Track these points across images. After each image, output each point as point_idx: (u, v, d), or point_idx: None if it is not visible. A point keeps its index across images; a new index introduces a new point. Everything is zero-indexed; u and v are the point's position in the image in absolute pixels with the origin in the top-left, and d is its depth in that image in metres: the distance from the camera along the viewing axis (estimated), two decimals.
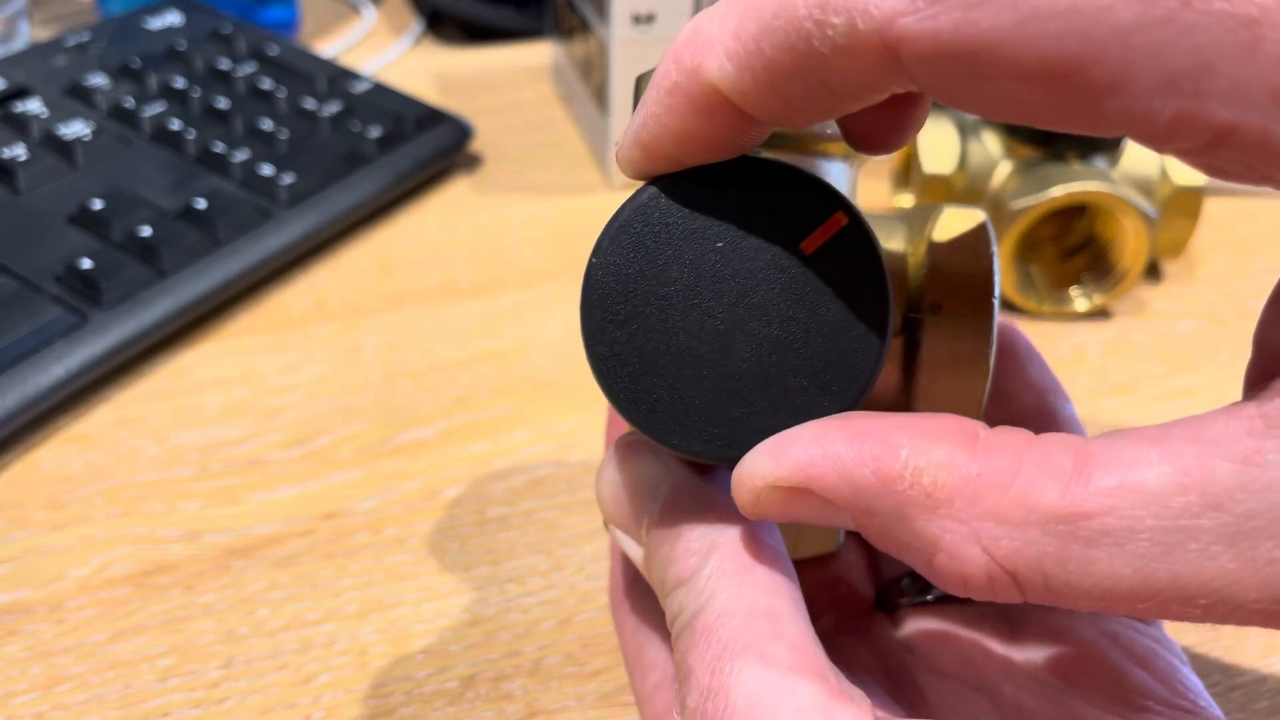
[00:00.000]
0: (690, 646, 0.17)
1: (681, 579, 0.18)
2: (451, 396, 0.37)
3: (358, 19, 0.65)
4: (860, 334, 0.17)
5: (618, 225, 0.18)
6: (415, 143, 0.48)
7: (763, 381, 0.18)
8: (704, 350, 0.18)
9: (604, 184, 0.50)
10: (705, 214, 0.18)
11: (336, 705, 0.27)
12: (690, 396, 0.18)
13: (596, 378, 0.18)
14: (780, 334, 0.18)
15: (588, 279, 0.18)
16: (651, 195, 0.18)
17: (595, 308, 0.18)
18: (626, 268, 0.18)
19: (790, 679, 0.16)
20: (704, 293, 0.18)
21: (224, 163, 0.44)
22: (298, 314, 0.41)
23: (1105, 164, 0.41)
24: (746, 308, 0.18)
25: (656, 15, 0.45)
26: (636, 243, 0.18)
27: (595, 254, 0.18)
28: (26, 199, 0.41)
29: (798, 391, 0.18)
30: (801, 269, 0.17)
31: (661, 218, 0.18)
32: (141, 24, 0.53)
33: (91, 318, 0.36)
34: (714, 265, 0.18)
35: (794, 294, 0.17)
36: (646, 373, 0.18)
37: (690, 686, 0.17)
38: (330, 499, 0.33)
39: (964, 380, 0.21)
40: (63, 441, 0.35)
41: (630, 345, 0.18)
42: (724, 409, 0.18)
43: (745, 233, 0.18)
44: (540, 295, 0.42)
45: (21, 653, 0.28)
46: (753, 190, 0.18)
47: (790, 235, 0.17)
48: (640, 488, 0.20)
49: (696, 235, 0.18)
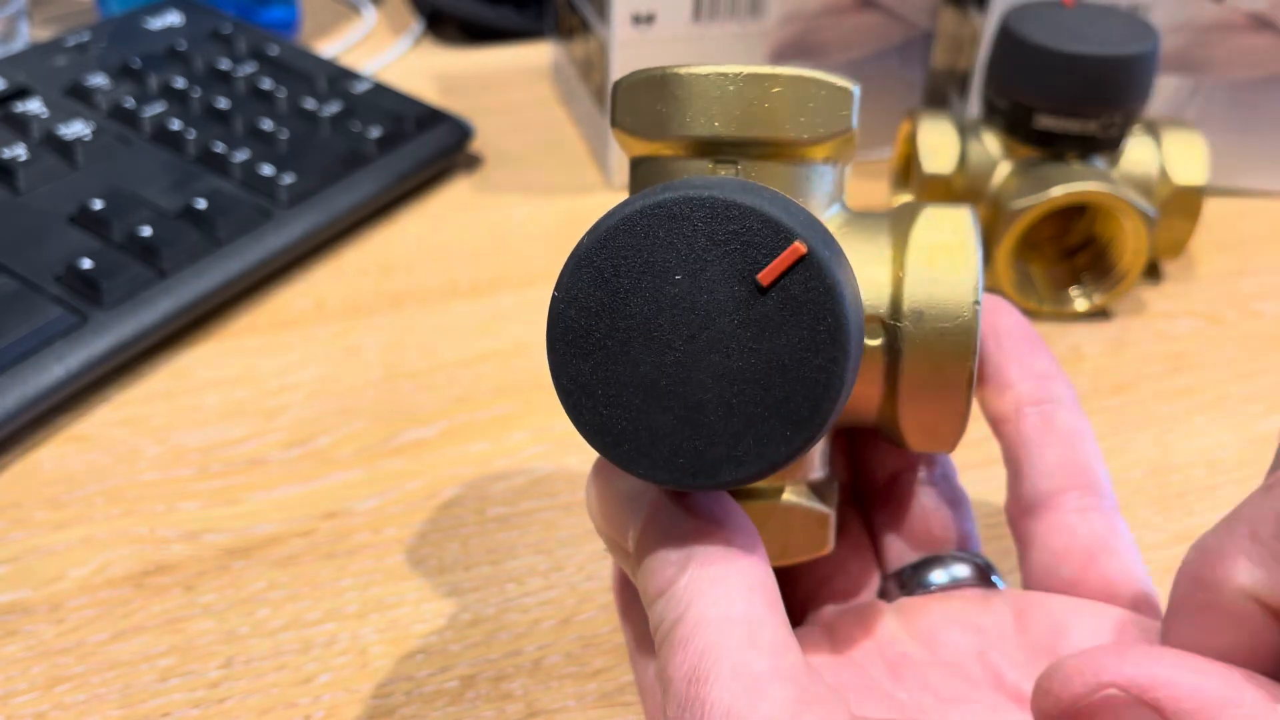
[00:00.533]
0: (669, 657, 0.18)
1: (660, 590, 0.19)
2: (451, 396, 0.37)
3: (358, 19, 0.65)
4: (820, 365, 0.17)
5: (578, 259, 0.18)
6: (415, 143, 0.48)
7: (725, 412, 0.18)
8: (666, 382, 0.18)
9: (604, 184, 0.50)
10: (662, 247, 0.18)
11: (337, 705, 0.27)
12: (654, 427, 0.18)
13: (564, 408, 0.19)
14: (740, 365, 0.18)
15: (551, 312, 0.18)
16: (609, 230, 0.18)
17: (559, 340, 0.18)
18: (588, 301, 0.18)
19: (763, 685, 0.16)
20: (664, 325, 0.18)
21: (224, 163, 0.44)
22: (298, 314, 0.41)
23: (1105, 164, 0.41)
24: (706, 340, 0.18)
25: (656, 15, 0.45)
26: (597, 276, 0.18)
27: (558, 287, 0.18)
28: (27, 199, 0.41)
29: (759, 421, 0.18)
30: (759, 301, 0.18)
31: (620, 251, 0.18)
32: (141, 24, 0.53)
33: (92, 318, 0.36)
34: (673, 298, 0.18)
35: (752, 326, 0.18)
36: (611, 404, 0.18)
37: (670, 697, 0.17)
38: (330, 499, 0.33)
39: (947, 387, 0.21)
40: (63, 441, 0.35)
41: (594, 377, 0.18)
42: (688, 439, 0.18)
43: (702, 265, 0.18)
44: (540, 295, 0.42)
45: (22, 653, 0.28)
46: (710, 222, 0.18)
47: (746, 267, 0.17)
48: (623, 502, 0.21)
49: (655, 269, 0.18)
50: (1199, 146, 0.41)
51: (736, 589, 0.18)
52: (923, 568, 0.25)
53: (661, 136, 0.21)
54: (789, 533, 0.22)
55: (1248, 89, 0.46)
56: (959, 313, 0.21)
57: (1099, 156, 0.40)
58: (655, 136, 0.21)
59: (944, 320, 0.21)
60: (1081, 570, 0.24)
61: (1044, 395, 0.25)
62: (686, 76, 0.21)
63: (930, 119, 0.42)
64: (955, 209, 0.22)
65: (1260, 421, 0.37)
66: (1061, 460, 0.25)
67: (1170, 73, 0.46)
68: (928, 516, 0.26)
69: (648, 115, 0.21)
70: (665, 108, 0.21)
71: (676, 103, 0.21)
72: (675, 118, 0.21)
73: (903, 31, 0.49)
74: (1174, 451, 0.36)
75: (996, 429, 0.26)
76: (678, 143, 0.21)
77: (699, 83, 0.21)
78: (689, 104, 0.21)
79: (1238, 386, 0.38)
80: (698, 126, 0.21)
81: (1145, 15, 0.44)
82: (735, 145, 0.21)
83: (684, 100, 0.21)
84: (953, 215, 0.22)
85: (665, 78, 0.21)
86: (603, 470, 0.21)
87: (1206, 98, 0.47)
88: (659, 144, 0.22)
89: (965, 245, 0.21)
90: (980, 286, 0.21)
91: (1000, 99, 0.40)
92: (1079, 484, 0.24)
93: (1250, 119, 0.47)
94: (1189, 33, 0.45)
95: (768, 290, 0.17)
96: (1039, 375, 0.25)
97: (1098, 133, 0.39)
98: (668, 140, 0.21)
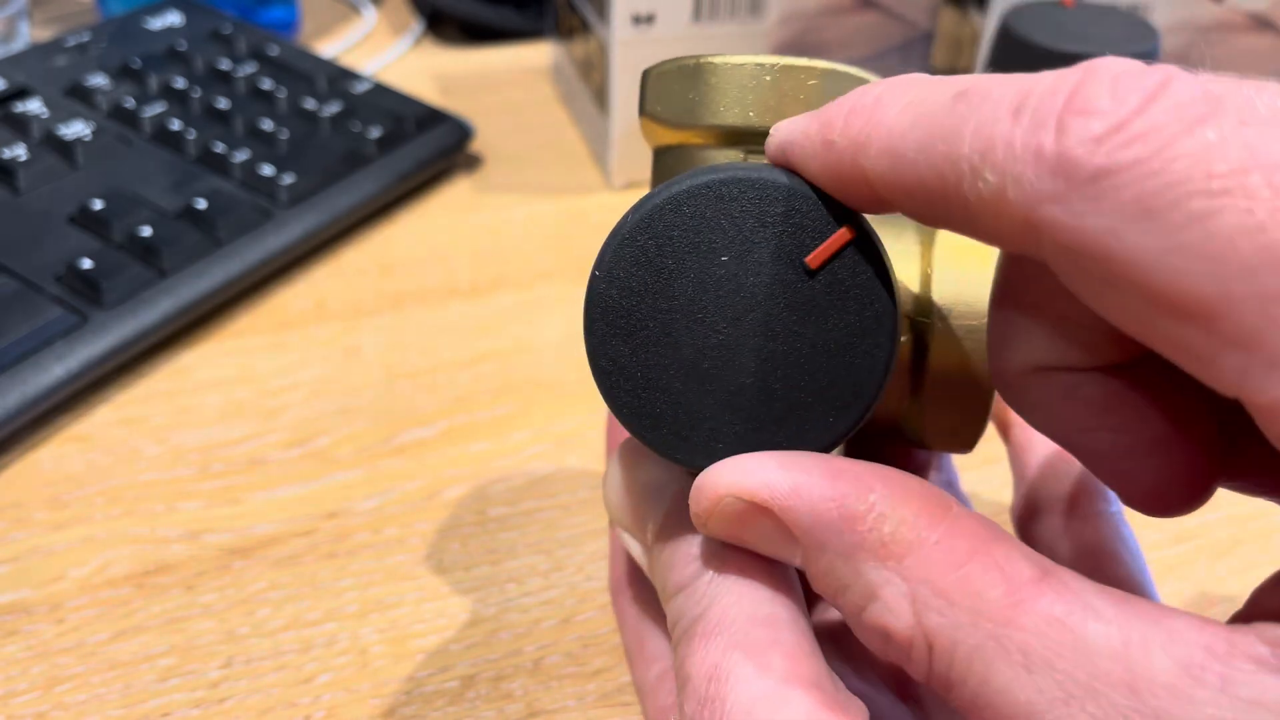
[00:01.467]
0: (688, 653, 0.17)
1: (681, 584, 0.18)
2: (451, 396, 0.37)
3: (358, 19, 0.65)
4: (866, 350, 0.17)
5: (620, 238, 0.18)
6: (415, 143, 0.48)
7: (767, 397, 0.18)
8: (708, 365, 0.18)
9: (604, 184, 0.50)
10: (709, 228, 0.17)
11: (337, 705, 0.27)
12: (694, 411, 0.18)
13: (600, 391, 0.18)
14: (785, 350, 0.17)
15: (590, 292, 0.18)
16: (654, 208, 0.18)
17: (598, 321, 0.18)
18: (630, 281, 0.18)
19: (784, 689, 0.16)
20: (708, 307, 0.18)
21: (224, 163, 0.44)
22: (298, 314, 0.41)
23: None
24: (751, 323, 0.17)
25: (656, 15, 0.45)
26: (640, 256, 0.18)
27: (598, 266, 0.18)
28: (27, 199, 0.41)
29: (802, 407, 0.17)
30: (806, 284, 0.17)
31: (665, 231, 0.18)
32: (142, 24, 0.53)
33: (92, 318, 0.36)
34: (718, 279, 0.17)
35: (799, 309, 0.17)
36: (650, 387, 0.18)
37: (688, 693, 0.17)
38: (331, 499, 0.33)
39: (971, 386, 0.21)
40: (63, 441, 0.35)
41: (634, 359, 0.18)
42: (728, 424, 0.18)
43: (749, 247, 0.17)
44: (540, 295, 0.42)
45: (22, 652, 0.28)
46: (759, 203, 0.17)
47: (795, 250, 0.17)
48: (645, 493, 0.20)
49: (701, 249, 0.18)
50: None
51: (762, 589, 0.18)
52: None
53: (693, 125, 0.21)
54: None
55: None
56: (986, 311, 0.21)
57: None
58: (686, 125, 0.21)
59: (971, 318, 0.21)
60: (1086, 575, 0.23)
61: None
62: (722, 65, 0.21)
63: None
64: None
65: None
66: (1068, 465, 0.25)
67: None
68: None
69: (679, 103, 0.21)
70: (698, 96, 0.21)
71: (711, 91, 0.21)
72: (708, 106, 0.21)
73: (903, 31, 0.49)
74: None
75: (1004, 432, 0.26)
76: (708, 132, 0.21)
77: (735, 72, 0.21)
78: (723, 93, 0.21)
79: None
80: (732, 116, 0.21)
81: (1145, 15, 0.44)
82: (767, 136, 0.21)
83: (718, 89, 0.21)
84: None
85: (700, 66, 0.21)
86: (626, 458, 0.21)
87: None
88: (689, 133, 0.21)
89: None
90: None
91: None
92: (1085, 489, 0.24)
93: None
94: (1189, 33, 0.45)
95: (816, 273, 0.17)
96: None
97: None
98: (699, 129, 0.21)
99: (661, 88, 0.21)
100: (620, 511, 0.21)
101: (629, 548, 0.21)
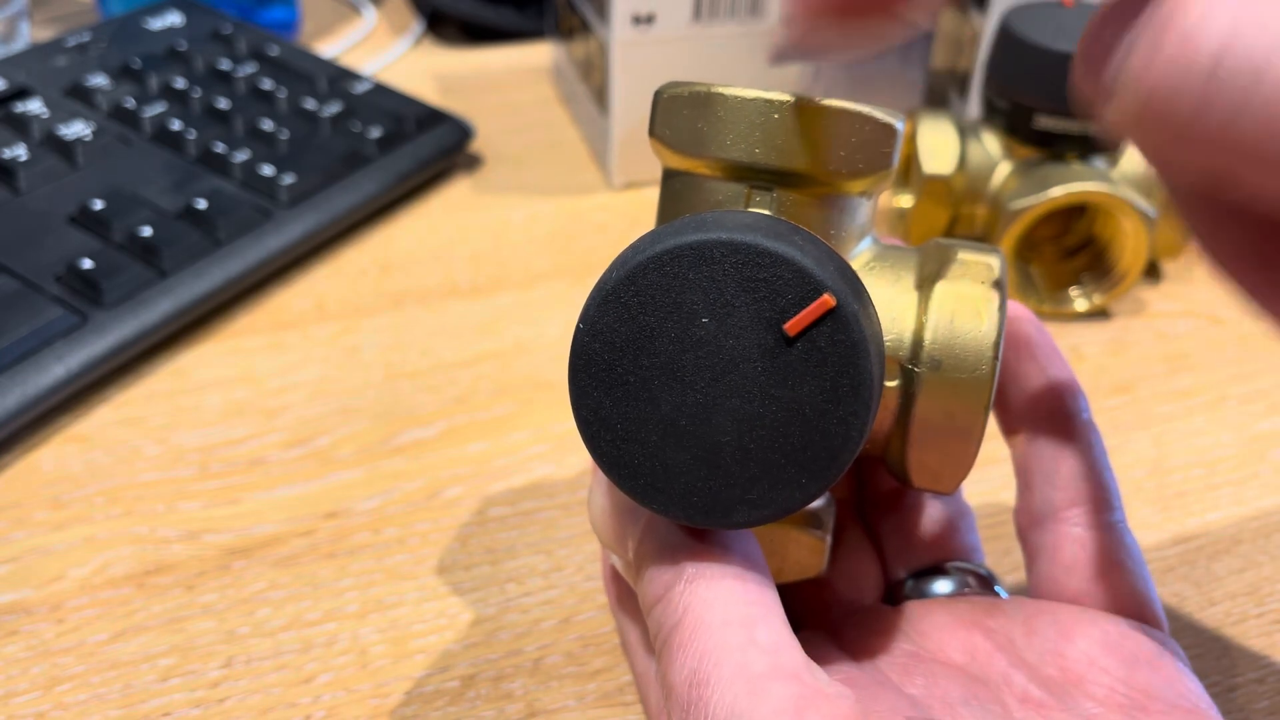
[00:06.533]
0: (669, 662, 0.18)
1: (658, 596, 0.19)
2: (451, 396, 0.37)
3: (358, 19, 0.65)
4: (840, 417, 0.18)
5: (604, 293, 0.18)
6: (415, 143, 0.48)
7: (742, 456, 0.18)
8: (685, 422, 0.18)
9: (604, 184, 0.50)
10: (691, 288, 0.18)
11: (337, 705, 0.27)
12: (670, 464, 0.18)
13: (582, 438, 0.19)
14: (761, 411, 0.18)
15: (575, 343, 0.18)
16: (639, 265, 0.18)
17: (581, 372, 0.18)
18: (612, 336, 0.18)
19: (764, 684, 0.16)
20: (687, 366, 0.18)
21: (224, 163, 0.44)
22: (298, 314, 0.41)
23: (1105, 164, 0.41)
24: (728, 384, 0.18)
25: (656, 15, 0.45)
26: (623, 312, 0.18)
27: (582, 319, 0.18)
28: (27, 199, 0.41)
29: (776, 468, 0.18)
30: (784, 350, 0.18)
31: (648, 289, 0.18)
32: (142, 24, 0.53)
33: (92, 318, 0.36)
34: (698, 339, 0.18)
35: (776, 374, 0.18)
36: (629, 439, 0.18)
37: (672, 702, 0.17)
38: (331, 499, 0.33)
39: (957, 436, 0.21)
40: (63, 441, 0.35)
41: (614, 411, 0.18)
42: (703, 479, 0.18)
43: (730, 310, 0.18)
44: (540, 295, 0.42)
45: (22, 652, 0.28)
46: (741, 267, 0.18)
47: (775, 316, 0.18)
48: (623, 512, 0.21)
49: (683, 309, 0.18)
50: None
51: (734, 592, 0.18)
52: (925, 577, 0.25)
53: (699, 155, 0.21)
54: (784, 556, 0.23)
55: None
56: (976, 366, 0.21)
57: (1099, 157, 0.40)
58: (692, 154, 0.21)
59: (960, 372, 0.21)
60: (1089, 583, 0.24)
61: (1059, 408, 0.25)
62: (731, 98, 0.20)
63: (930, 119, 0.42)
64: (985, 255, 0.22)
65: (1260, 421, 0.37)
66: (1073, 473, 0.25)
67: None
68: (931, 527, 0.26)
69: (687, 131, 0.21)
70: (706, 126, 0.21)
71: (718, 123, 0.21)
72: (715, 138, 0.21)
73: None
74: (1174, 451, 0.36)
75: (1009, 439, 0.26)
76: (715, 163, 0.21)
77: (743, 106, 0.20)
78: (731, 126, 0.20)
79: (1237, 387, 0.38)
80: (737, 151, 0.20)
81: None
82: (773, 174, 0.20)
83: (726, 122, 0.20)
84: (981, 264, 0.22)
85: (709, 96, 0.21)
86: (605, 481, 0.22)
87: None
88: (695, 161, 0.21)
89: (990, 297, 0.21)
90: (1000, 341, 0.21)
91: (1000, 99, 0.40)
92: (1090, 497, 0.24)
93: None
94: None
95: (794, 340, 0.17)
96: (1056, 388, 0.25)
97: (1098, 133, 0.39)
98: (705, 159, 0.21)
99: (671, 112, 0.21)
100: (603, 530, 0.21)
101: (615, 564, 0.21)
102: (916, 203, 0.42)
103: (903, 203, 0.44)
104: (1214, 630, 0.30)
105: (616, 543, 0.21)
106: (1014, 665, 0.22)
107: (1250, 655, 0.29)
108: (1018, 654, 0.23)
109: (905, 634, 0.24)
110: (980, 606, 0.24)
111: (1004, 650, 0.23)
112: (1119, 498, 0.25)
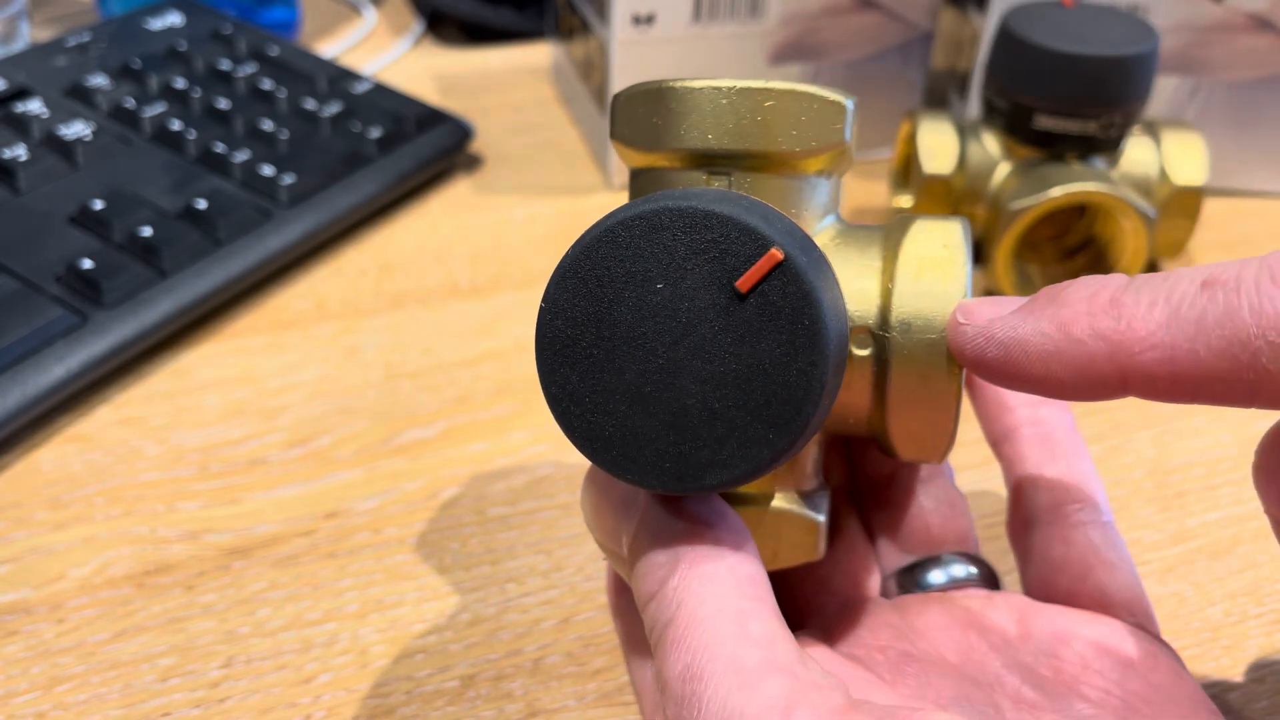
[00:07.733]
0: (664, 658, 0.18)
1: (652, 592, 0.19)
2: (451, 396, 0.37)
3: (358, 19, 0.65)
4: (800, 369, 0.18)
5: (562, 271, 0.19)
6: (415, 143, 0.48)
7: (709, 416, 0.18)
8: (651, 388, 0.18)
9: (604, 184, 0.50)
10: (643, 257, 0.18)
11: (337, 705, 0.27)
12: (641, 433, 0.18)
13: (554, 416, 0.19)
14: (722, 370, 0.18)
15: (539, 323, 0.19)
16: (591, 241, 0.18)
17: (547, 350, 0.19)
18: (573, 312, 0.19)
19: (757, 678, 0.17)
20: (647, 333, 0.18)
21: (224, 163, 0.44)
22: (298, 314, 0.41)
23: (1105, 164, 0.41)
24: (688, 346, 0.18)
25: (656, 15, 0.45)
26: (581, 287, 0.19)
27: (544, 299, 0.19)
28: (27, 199, 0.41)
29: (743, 426, 0.18)
30: (739, 307, 0.18)
31: (603, 263, 0.18)
32: (142, 24, 0.53)
33: (92, 318, 0.36)
34: (655, 306, 0.18)
35: (732, 332, 0.18)
36: (599, 411, 0.19)
37: (668, 697, 0.18)
38: (331, 499, 0.33)
39: (934, 398, 0.21)
40: (63, 441, 0.35)
41: (582, 385, 0.19)
42: (673, 444, 0.18)
43: (683, 274, 0.18)
44: (540, 295, 0.42)
45: (22, 653, 0.28)
46: (689, 231, 0.18)
47: (726, 275, 0.18)
48: (615, 509, 0.21)
49: (637, 278, 0.18)
50: (1198, 147, 0.41)
51: (726, 585, 0.18)
52: (921, 568, 0.26)
53: (657, 148, 0.22)
54: (779, 539, 0.23)
55: (1247, 89, 0.46)
56: (945, 325, 0.21)
57: (1099, 157, 0.40)
58: (651, 148, 0.22)
59: (930, 332, 0.21)
60: (1078, 582, 0.24)
61: (1042, 416, 0.26)
62: (680, 90, 0.21)
63: (930, 119, 0.42)
64: (947, 221, 0.22)
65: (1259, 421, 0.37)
66: (1059, 477, 0.25)
67: (1170, 73, 0.46)
68: (925, 517, 0.26)
69: (644, 128, 0.22)
70: (661, 120, 0.21)
71: (671, 115, 0.21)
72: (670, 130, 0.21)
73: (903, 31, 0.49)
74: (1173, 451, 0.36)
75: (996, 449, 0.27)
76: (673, 155, 0.22)
77: (693, 96, 0.21)
78: (683, 117, 0.21)
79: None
80: (691, 139, 0.21)
81: (1145, 15, 0.44)
82: (729, 158, 0.21)
83: (678, 113, 0.21)
84: (943, 228, 0.22)
85: (661, 91, 0.21)
86: (596, 478, 0.22)
87: (1206, 98, 0.47)
88: (655, 156, 0.22)
89: (954, 258, 0.21)
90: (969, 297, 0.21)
91: (1000, 99, 0.40)
92: (1076, 499, 0.25)
93: (1250, 119, 0.47)
94: (1189, 33, 0.45)
95: (746, 297, 0.18)
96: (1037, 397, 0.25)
97: (1097, 133, 0.39)
98: (663, 152, 0.22)
99: (628, 112, 0.22)
100: (597, 529, 0.22)
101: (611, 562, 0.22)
102: (916, 203, 0.42)
103: (903, 203, 0.44)
104: (1214, 630, 0.30)
105: (611, 541, 0.21)
106: (1008, 666, 0.22)
107: (1250, 655, 0.29)
108: (1012, 655, 0.23)
109: (900, 633, 0.24)
110: (976, 603, 0.24)
111: (998, 651, 0.23)
112: (1105, 499, 0.25)
